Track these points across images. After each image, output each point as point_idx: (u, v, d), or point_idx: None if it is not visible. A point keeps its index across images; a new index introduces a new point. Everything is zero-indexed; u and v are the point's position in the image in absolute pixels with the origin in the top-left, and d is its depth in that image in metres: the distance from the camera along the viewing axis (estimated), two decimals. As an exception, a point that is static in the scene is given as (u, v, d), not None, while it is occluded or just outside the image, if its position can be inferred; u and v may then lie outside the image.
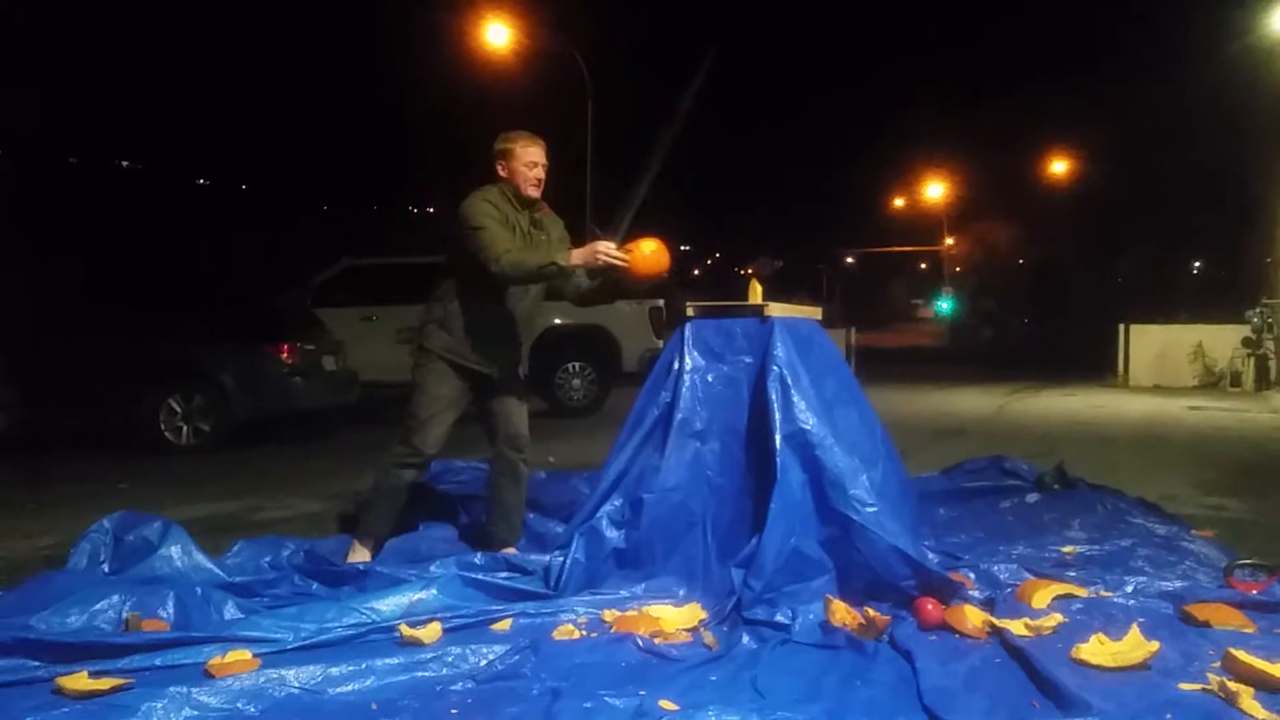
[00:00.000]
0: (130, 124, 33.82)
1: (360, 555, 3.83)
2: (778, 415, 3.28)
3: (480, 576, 3.32)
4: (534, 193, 3.82)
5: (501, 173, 3.84)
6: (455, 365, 3.80)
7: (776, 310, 3.51)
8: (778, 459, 3.22)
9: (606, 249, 3.52)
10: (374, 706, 2.43)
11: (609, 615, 3.06)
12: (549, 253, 3.63)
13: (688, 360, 3.51)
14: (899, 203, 44.12)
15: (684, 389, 3.47)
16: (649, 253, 3.55)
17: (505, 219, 3.73)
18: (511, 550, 3.81)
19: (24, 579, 3.41)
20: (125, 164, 35.07)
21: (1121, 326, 15.79)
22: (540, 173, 3.85)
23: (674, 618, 3.04)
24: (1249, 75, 18.42)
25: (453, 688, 2.56)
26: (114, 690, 2.44)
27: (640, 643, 2.83)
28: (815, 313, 3.90)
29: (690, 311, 3.61)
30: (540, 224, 3.89)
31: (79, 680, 2.47)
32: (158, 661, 2.62)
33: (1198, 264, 39.91)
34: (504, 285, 3.75)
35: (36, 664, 2.62)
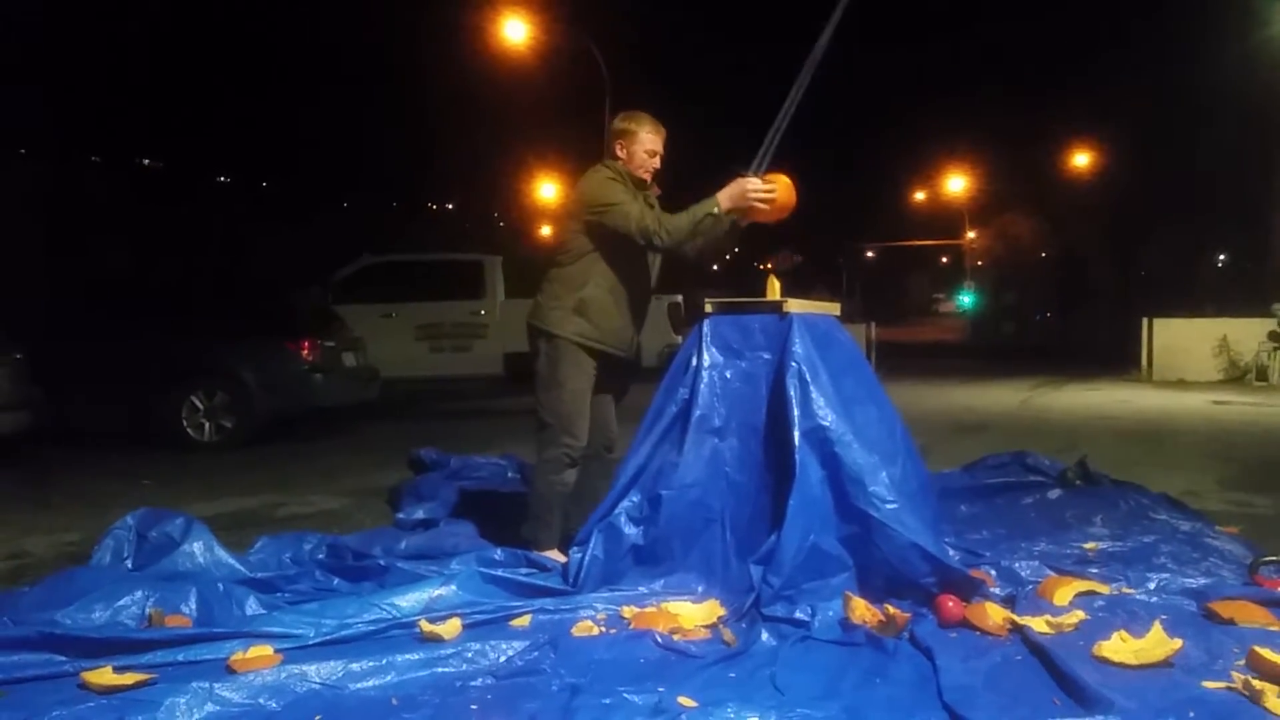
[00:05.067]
0: (151, 122, 34.10)
1: (557, 557, 3.64)
2: (796, 411, 3.26)
3: (500, 573, 3.33)
4: (646, 178, 3.80)
5: (619, 153, 3.77)
6: (591, 351, 3.74)
7: (795, 306, 3.50)
8: (796, 455, 3.21)
9: (755, 187, 3.48)
10: (394, 702, 2.44)
11: (628, 612, 3.07)
12: (701, 206, 3.56)
13: (706, 356, 3.50)
14: (919, 196, 43.86)
15: (702, 385, 3.46)
16: (785, 187, 3.55)
17: (634, 195, 3.69)
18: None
19: (49, 575, 3.45)
20: (146, 162, 35.36)
21: (1145, 320, 15.65)
22: (658, 163, 3.80)
23: (693, 614, 3.03)
24: (1274, 66, 18.22)
25: (472, 683, 2.57)
26: (138, 685, 2.46)
27: (659, 639, 2.83)
28: (834, 308, 3.88)
29: (708, 308, 3.60)
30: (653, 205, 3.83)
31: (104, 675, 2.49)
32: (180, 657, 2.64)
33: (1222, 257, 39.46)
34: (660, 253, 3.73)
35: (63, 659, 2.64)
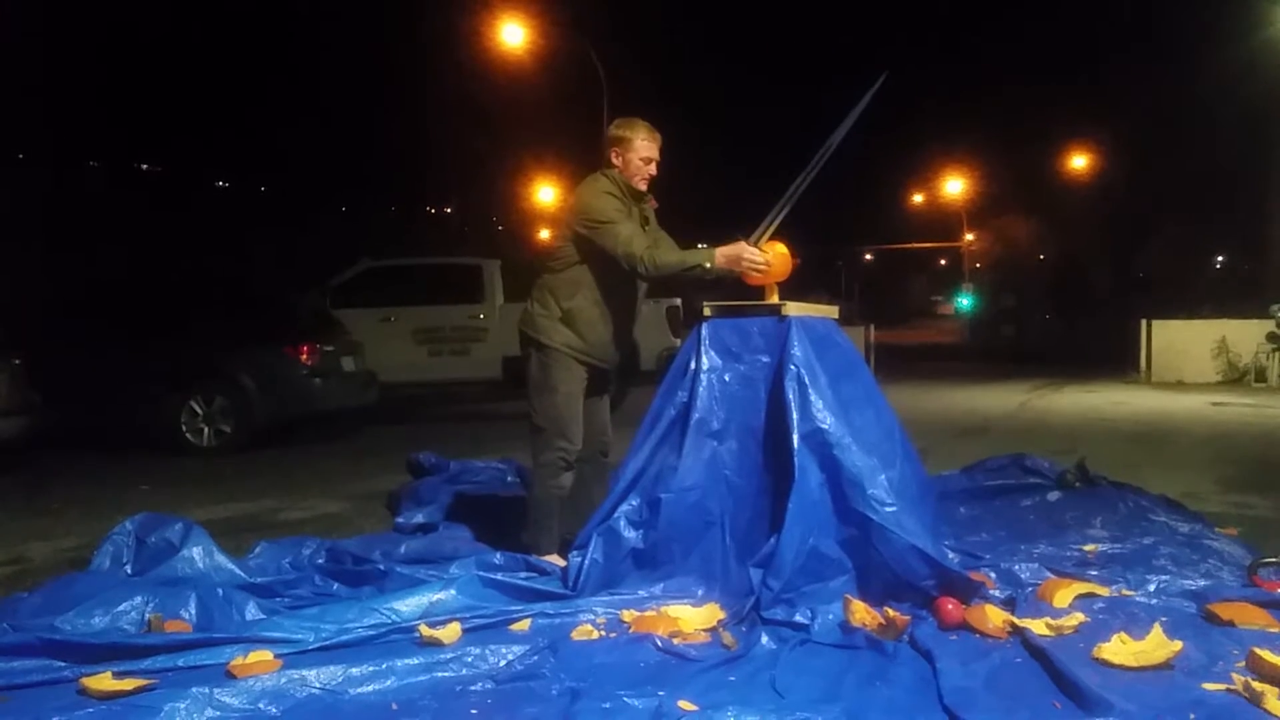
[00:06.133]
0: (150, 127, 34.10)
1: (557, 562, 3.63)
2: (795, 415, 3.26)
3: (499, 577, 3.33)
4: (643, 187, 3.79)
5: (615, 161, 3.77)
6: (580, 361, 3.76)
7: (794, 309, 3.50)
8: (795, 459, 3.21)
9: (752, 255, 3.49)
10: (394, 707, 2.44)
11: (627, 615, 3.07)
12: (695, 255, 3.57)
13: (704, 360, 3.50)
14: (918, 199, 43.90)
15: (701, 389, 3.46)
16: (781, 258, 3.56)
17: (629, 212, 3.70)
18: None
19: (48, 580, 3.45)
20: (145, 167, 35.37)
21: (1143, 322, 15.64)
22: (654, 169, 3.80)
23: (692, 618, 3.03)
24: (1271, 67, 18.24)
25: (472, 688, 2.57)
26: (138, 691, 2.46)
27: (659, 643, 2.83)
28: (832, 312, 3.88)
29: (707, 310, 3.60)
30: (649, 219, 3.85)
31: (103, 681, 2.49)
32: (180, 662, 2.64)
33: (1220, 258, 39.53)
34: (643, 282, 3.74)
35: (62, 664, 2.64)
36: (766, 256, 3.51)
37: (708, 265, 3.53)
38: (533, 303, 3.84)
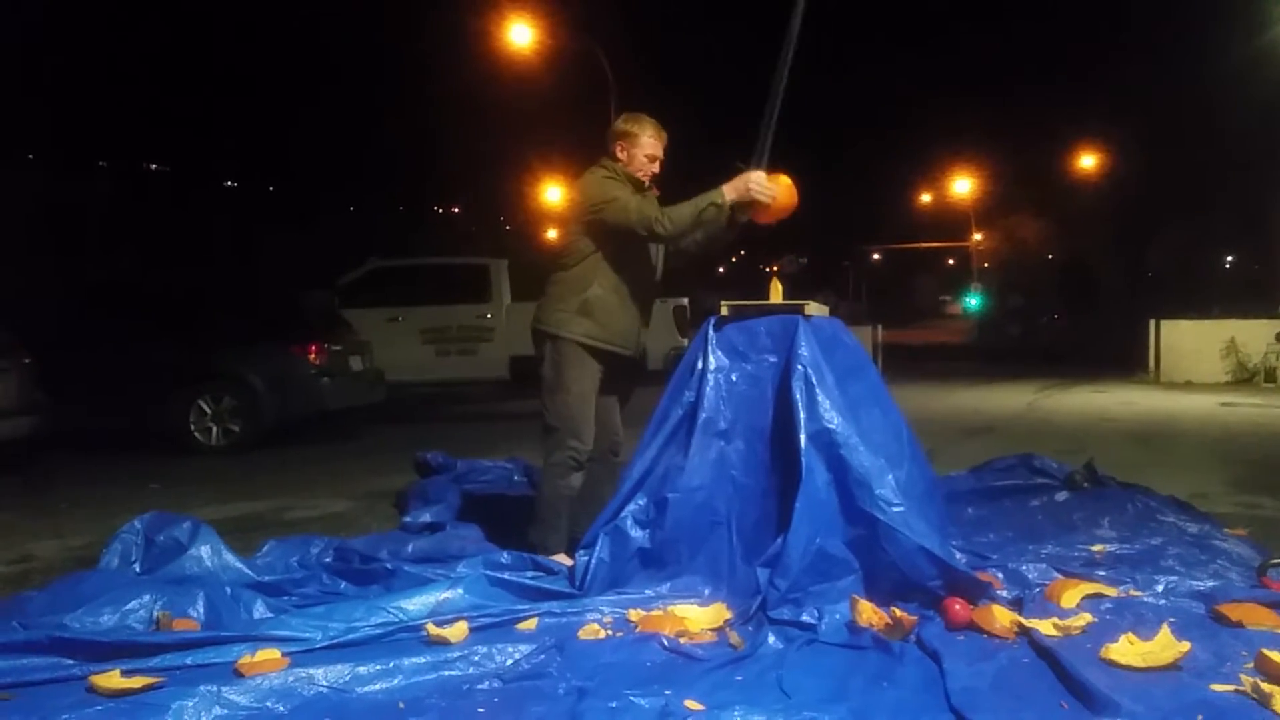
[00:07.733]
0: (158, 127, 34.22)
1: (564, 561, 3.62)
2: (802, 414, 3.26)
3: (506, 576, 3.33)
4: (645, 181, 3.80)
5: (619, 155, 3.78)
6: (596, 351, 3.74)
7: (815, 310, 3.51)
8: (802, 458, 3.20)
9: (758, 178, 3.48)
10: (401, 705, 2.45)
11: (634, 615, 3.07)
12: (704, 196, 3.55)
13: (712, 359, 3.50)
14: (926, 198, 43.84)
15: (708, 388, 3.46)
16: (786, 188, 3.57)
17: (632, 190, 3.71)
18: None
19: (56, 579, 3.46)
20: (153, 167, 35.49)
21: (1152, 322, 15.59)
22: (657, 167, 3.81)
23: (699, 617, 3.03)
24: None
25: (479, 687, 2.57)
26: (146, 689, 2.47)
27: (665, 642, 2.83)
28: (823, 311, 3.87)
29: (724, 311, 3.60)
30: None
31: (112, 679, 2.50)
32: (188, 660, 2.65)
33: (1230, 258, 39.40)
34: (662, 244, 3.75)
35: (71, 662, 2.65)
36: (773, 184, 3.51)
37: (719, 202, 3.53)
38: (548, 299, 3.83)
